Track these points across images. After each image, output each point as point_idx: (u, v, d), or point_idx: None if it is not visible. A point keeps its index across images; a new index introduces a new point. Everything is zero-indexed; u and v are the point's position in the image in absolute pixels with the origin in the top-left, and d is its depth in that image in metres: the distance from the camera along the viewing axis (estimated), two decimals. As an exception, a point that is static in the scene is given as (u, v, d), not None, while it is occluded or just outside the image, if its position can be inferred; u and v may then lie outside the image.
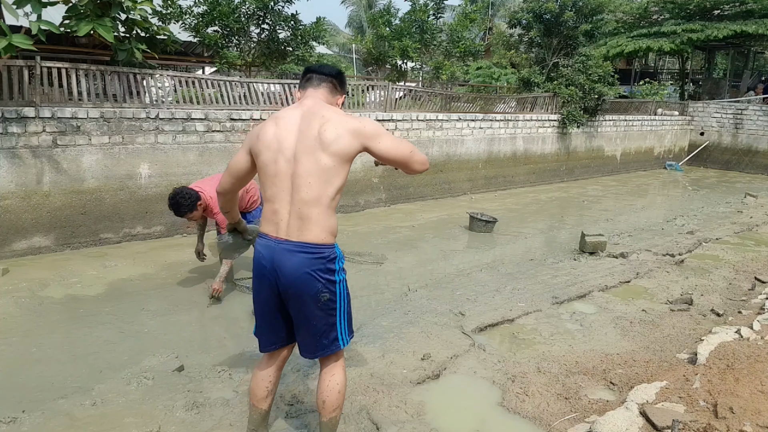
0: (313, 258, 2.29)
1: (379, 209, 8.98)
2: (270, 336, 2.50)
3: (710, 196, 11.67)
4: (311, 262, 2.28)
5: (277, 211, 2.30)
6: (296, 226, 2.27)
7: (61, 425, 2.92)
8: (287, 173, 2.28)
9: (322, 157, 2.26)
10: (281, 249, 2.28)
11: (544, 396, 3.24)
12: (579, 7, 12.85)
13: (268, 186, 2.33)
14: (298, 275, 2.27)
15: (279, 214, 2.29)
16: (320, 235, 2.29)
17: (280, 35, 9.81)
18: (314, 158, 2.26)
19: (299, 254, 2.27)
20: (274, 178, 2.30)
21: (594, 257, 6.38)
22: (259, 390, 2.55)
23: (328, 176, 2.28)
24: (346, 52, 25.89)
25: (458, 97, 11.51)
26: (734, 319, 4.34)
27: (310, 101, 2.42)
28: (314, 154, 2.26)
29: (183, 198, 4.32)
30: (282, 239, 2.28)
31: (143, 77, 6.80)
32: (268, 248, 2.32)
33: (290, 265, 2.27)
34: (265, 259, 2.33)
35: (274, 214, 2.31)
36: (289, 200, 2.28)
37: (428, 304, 4.73)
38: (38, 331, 4.12)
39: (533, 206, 9.97)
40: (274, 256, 2.29)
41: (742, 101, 16.84)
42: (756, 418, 2.48)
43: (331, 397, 2.47)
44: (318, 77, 2.50)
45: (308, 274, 2.28)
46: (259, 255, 2.36)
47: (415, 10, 11.90)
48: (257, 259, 2.38)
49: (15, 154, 5.76)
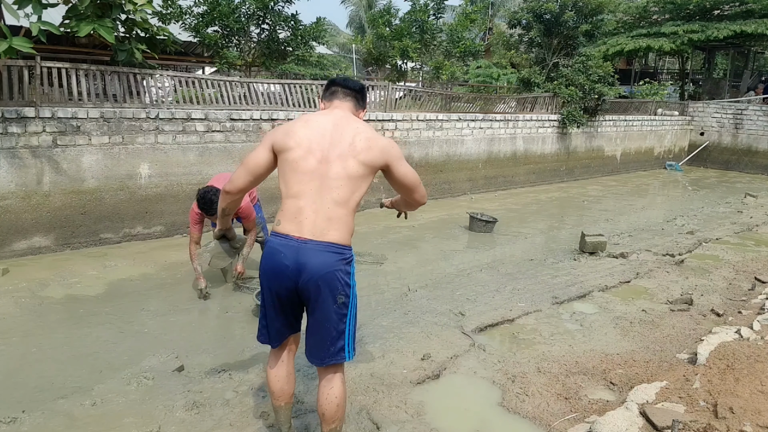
0: (338, 258, 2.33)
1: (379, 209, 8.97)
2: (281, 328, 2.49)
3: (710, 196, 11.67)
4: (336, 263, 2.32)
5: (302, 209, 2.31)
6: (322, 227, 2.30)
7: (61, 425, 2.92)
8: (318, 173, 2.32)
9: (353, 164, 2.34)
10: (307, 249, 2.29)
11: (544, 396, 3.24)
12: (579, 7, 12.85)
13: (294, 182, 2.34)
14: (323, 274, 2.29)
15: (304, 213, 2.31)
16: (345, 236, 2.35)
17: (280, 35, 9.81)
18: (346, 163, 2.33)
19: (326, 254, 2.30)
20: (302, 175, 2.33)
21: (594, 257, 6.38)
22: (278, 387, 2.57)
23: (357, 182, 2.36)
24: (346, 52, 25.89)
25: (458, 97, 11.51)
26: (734, 319, 4.34)
27: (339, 112, 2.50)
28: (346, 160, 2.34)
29: (215, 195, 4.18)
30: (306, 239, 2.30)
31: (143, 77, 6.80)
32: (290, 248, 2.31)
33: (316, 264, 2.28)
34: (287, 258, 2.31)
35: (299, 212, 2.32)
36: (316, 199, 2.31)
37: (428, 304, 4.73)
38: (38, 331, 4.12)
39: (533, 206, 9.97)
40: (299, 255, 2.29)
41: (742, 101, 16.84)
42: (756, 418, 2.48)
43: (330, 409, 2.46)
44: (343, 91, 2.57)
45: (332, 273, 2.31)
46: (279, 254, 2.33)
47: (415, 10, 11.90)
48: (276, 259, 2.35)
49: (15, 154, 5.77)
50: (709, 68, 20.61)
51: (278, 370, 2.55)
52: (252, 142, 7.47)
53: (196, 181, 6.87)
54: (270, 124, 7.63)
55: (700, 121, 16.96)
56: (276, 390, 2.57)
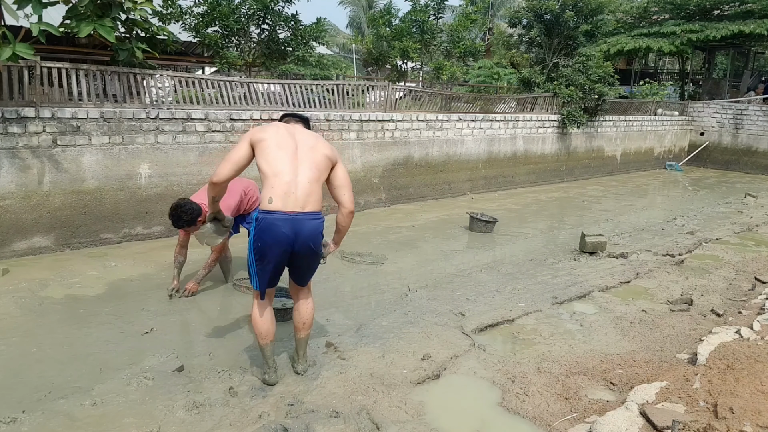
0: (320, 222, 3.16)
1: (379, 209, 8.98)
2: (272, 280, 3.24)
3: (710, 197, 11.67)
4: (319, 225, 3.15)
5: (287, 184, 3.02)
6: (303, 201, 3.04)
7: (61, 425, 2.92)
8: (293, 156, 3.09)
9: (318, 156, 3.16)
10: (299, 219, 3.03)
11: (544, 396, 3.24)
12: (579, 7, 12.85)
13: (275, 163, 3.04)
14: (314, 236, 3.12)
15: (289, 190, 3.02)
16: (319, 205, 3.14)
17: (280, 35, 9.81)
18: (312, 155, 3.15)
19: (313, 221, 3.09)
20: (280, 153, 3.06)
21: (594, 257, 6.38)
22: (266, 328, 3.28)
23: (321, 170, 3.17)
24: (346, 52, 25.89)
25: (458, 97, 11.51)
26: (734, 319, 4.34)
27: (299, 125, 3.38)
28: (312, 153, 3.16)
29: (185, 212, 4.24)
30: (297, 212, 3.02)
31: (143, 77, 6.80)
32: (286, 221, 3.01)
33: (308, 230, 3.07)
34: (286, 227, 3.01)
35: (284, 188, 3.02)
36: (295, 177, 3.05)
37: (428, 305, 4.73)
38: (38, 331, 4.12)
39: (533, 206, 9.97)
40: (294, 225, 3.02)
41: (742, 101, 16.84)
42: (756, 419, 2.48)
43: (308, 318, 3.41)
44: (294, 118, 3.48)
45: (319, 233, 3.17)
46: (277, 226, 3.00)
47: (416, 10, 11.90)
48: (275, 229, 3.01)
49: (15, 154, 5.77)
50: (709, 68, 20.61)
51: (265, 315, 3.29)
52: (252, 142, 7.46)
53: (196, 181, 6.87)
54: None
55: (700, 121, 16.96)
56: (263, 330, 3.29)
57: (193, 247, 5.02)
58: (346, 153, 8.62)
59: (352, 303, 4.89)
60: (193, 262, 5.82)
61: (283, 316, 4.23)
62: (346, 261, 6.02)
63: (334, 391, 3.26)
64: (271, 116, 7.62)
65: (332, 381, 3.37)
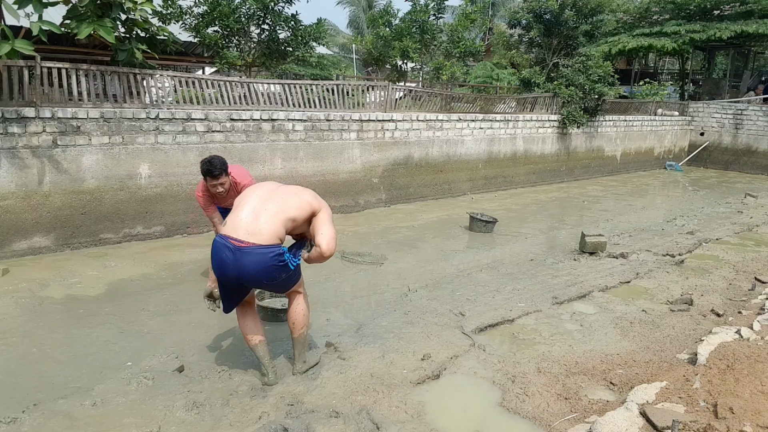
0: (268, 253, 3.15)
1: (379, 209, 8.98)
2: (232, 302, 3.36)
3: (710, 197, 11.66)
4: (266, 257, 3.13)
5: (245, 215, 3.19)
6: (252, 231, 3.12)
7: (61, 425, 2.92)
8: (266, 196, 3.26)
9: (292, 197, 3.30)
10: (242, 250, 3.09)
11: (544, 396, 3.24)
12: (579, 6, 12.85)
13: (242, 198, 3.30)
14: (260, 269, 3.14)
15: (242, 220, 3.17)
16: (274, 239, 3.14)
17: (280, 36, 9.80)
18: (286, 195, 3.31)
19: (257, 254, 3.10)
20: (255, 191, 3.32)
21: (594, 257, 6.37)
22: (249, 327, 3.38)
23: (291, 208, 3.24)
24: (346, 52, 25.88)
25: (458, 97, 11.51)
26: (734, 319, 4.34)
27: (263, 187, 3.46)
28: (288, 193, 3.33)
29: (217, 158, 4.34)
30: (242, 241, 3.09)
31: (143, 77, 6.80)
32: (228, 248, 3.12)
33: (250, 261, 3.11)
34: (227, 254, 3.11)
35: (240, 218, 3.21)
36: (255, 211, 3.18)
37: (428, 305, 4.73)
38: (38, 331, 4.12)
39: (533, 206, 9.97)
40: (236, 255, 3.09)
41: (742, 101, 16.84)
42: (756, 419, 2.48)
43: (299, 318, 3.40)
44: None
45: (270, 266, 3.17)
46: (221, 251, 3.13)
47: (416, 10, 11.90)
48: (219, 254, 3.13)
49: (15, 154, 5.76)
50: (709, 68, 20.61)
51: (245, 317, 3.40)
52: (252, 142, 7.47)
53: (195, 182, 6.83)
54: (270, 124, 7.63)
55: (700, 121, 16.95)
56: (246, 330, 3.38)
57: (198, 246, 5.02)
58: (346, 153, 8.62)
59: (352, 303, 4.89)
60: (193, 262, 5.83)
61: (281, 316, 4.23)
62: (346, 261, 6.02)
63: (334, 391, 3.26)
64: (271, 116, 7.63)
65: (332, 381, 3.36)
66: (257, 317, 3.48)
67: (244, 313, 3.40)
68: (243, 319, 3.40)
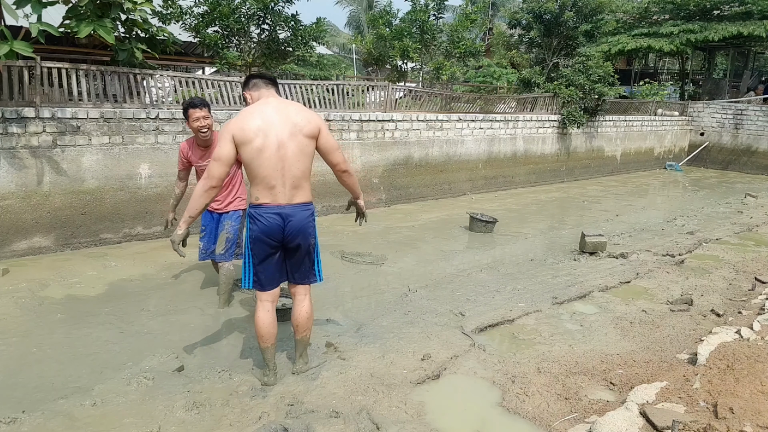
0: (308, 214, 3.18)
1: (379, 209, 8.98)
2: (273, 276, 3.24)
3: (710, 197, 11.66)
4: (307, 217, 3.18)
5: (274, 187, 3.06)
6: (291, 195, 3.09)
7: (61, 425, 2.92)
8: (278, 156, 3.02)
9: (302, 139, 3.07)
10: (287, 210, 3.08)
11: (544, 396, 3.24)
12: (579, 7, 12.85)
13: (261, 168, 3.01)
14: (302, 226, 3.13)
15: (276, 189, 3.06)
16: (309, 196, 3.20)
17: (281, 36, 9.79)
18: (297, 141, 3.05)
19: (301, 212, 3.13)
20: (267, 160, 3.00)
21: (594, 257, 6.38)
22: (266, 331, 3.25)
23: (308, 154, 3.13)
24: (346, 52, 25.88)
25: (458, 97, 11.51)
26: (734, 319, 4.34)
27: (273, 99, 3.16)
28: (296, 138, 3.05)
29: (198, 98, 4.39)
30: (283, 204, 3.08)
31: (143, 77, 6.80)
32: (276, 214, 3.08)
33: (297, 220, 3.11)
34: (275, 219, 3.07)
35: (272, 189, 3.06)
36: (282, 178, 3.05)
37: (428, 305, 4.73)
38: (38, 331, 4.12)
39: (533, 206, 9.97)
40: (282, 214, 3.07)
41: (742, 101, 16.84)
42: (756, 419, 2.48)
43: (303, 320, 3.36)
44: (264, 81, 3.23)
45: (306, 224, 3.16)
46: (267, 220, 3.07)
47: (416, 10, 11.89)
48: (267, 223, 3.07)
49: (15, 154, 5.77)
50: (709, 68, 20.60)
51: (267, 318, 3.25)
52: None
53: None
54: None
55: (700, 121, 16.95)
56: (265, 333, 3.25)
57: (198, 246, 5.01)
58: (346, 153, 8.62)
59: (352, 303, 4.89)
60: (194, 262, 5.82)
61: (282, 316, 4.23)
62: (346, 261, 6.02)
63: (334, 391, 3.26)
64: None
65: (332, 381, 3.37)
66: (276, 321, 3.35)
67: (266, 311, 3.27)
68: (264, 316, 3.25)
